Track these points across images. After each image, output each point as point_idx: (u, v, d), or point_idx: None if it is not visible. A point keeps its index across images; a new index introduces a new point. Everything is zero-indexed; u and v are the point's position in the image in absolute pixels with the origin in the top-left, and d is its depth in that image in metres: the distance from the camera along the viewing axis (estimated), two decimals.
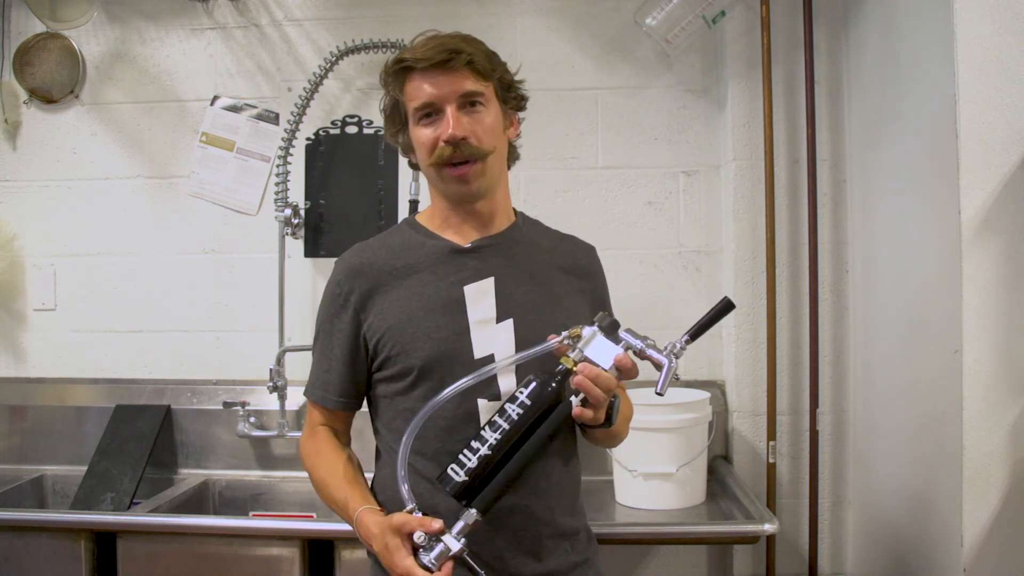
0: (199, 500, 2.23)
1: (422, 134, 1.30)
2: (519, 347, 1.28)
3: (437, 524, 1.15)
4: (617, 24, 2.31)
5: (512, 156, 1.42)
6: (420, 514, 1.18)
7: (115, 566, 1.81)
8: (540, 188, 2.31)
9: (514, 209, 1.44)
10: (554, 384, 1.20)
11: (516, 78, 1.38)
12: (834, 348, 2.21)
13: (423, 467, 1.27)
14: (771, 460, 2.17)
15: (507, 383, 1.28)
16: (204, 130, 2.41)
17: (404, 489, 1.19)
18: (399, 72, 1.30)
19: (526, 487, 1.27)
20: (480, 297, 1.31)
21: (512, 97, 1.38)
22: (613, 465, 2.05)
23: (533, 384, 1.20)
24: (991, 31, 1.55)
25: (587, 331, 1.21)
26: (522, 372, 1.28)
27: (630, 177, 2.33)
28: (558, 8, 2.34)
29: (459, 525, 1.16)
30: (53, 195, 2.45)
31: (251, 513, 2.22)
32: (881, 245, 2.01)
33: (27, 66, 2.42)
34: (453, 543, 1.14)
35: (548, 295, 1.35)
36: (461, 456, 1.19)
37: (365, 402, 1.41)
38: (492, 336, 1.29)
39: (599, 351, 1.20)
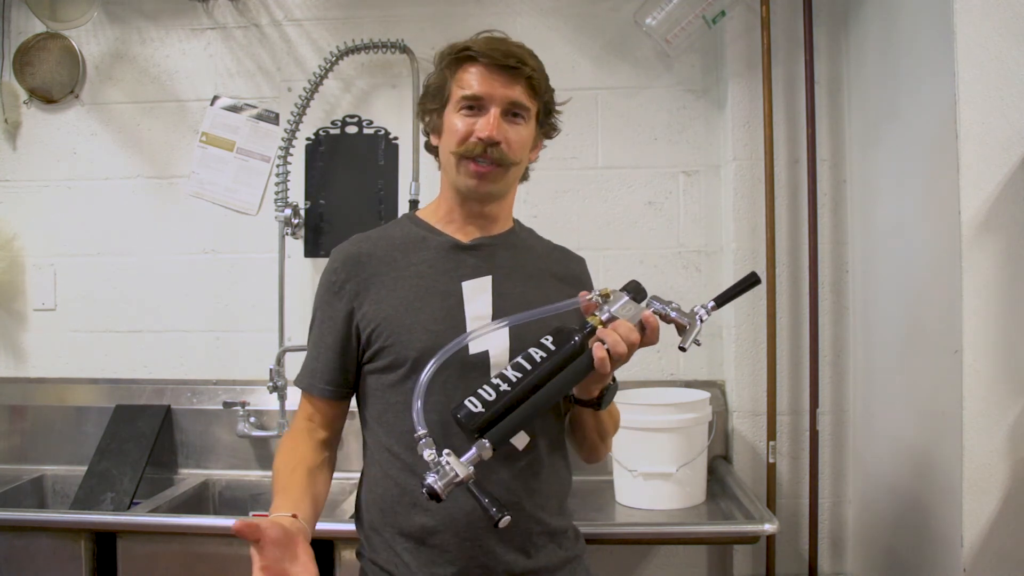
0: (199, 500, 2.23)
1: (459, 122, 1.30)
2: (513, 346, 1.28)
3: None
4: (617, 24, 2.31)
5: (523, 177, 1.43)
6: (447, 452, 1.12)
7: (115, 566, 1.81)
8: (540, 188, 2.31)
9: (513, 218, 1.46)
10: (578, 337, 1.20)
11: (557, 107, 1.40)
12: (834, 348, 2.21)
13: (412, 461, 1.26)
14: (771, 460, 2.17)
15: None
16: (204, 130, 2.41)
17: (421, 433, 1.14)
18: (461, 58, 1.31)
19: (516, 485, 1.27)
20: (477, 294, 1.32)
21: (548, 123, 1.40)
22: (613, 465, 2.05)
23: (560, 332, 1.21)
24: (991, 31, 1.55)
25: (616, 293, 1.23)
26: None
27: (630, 177, 2.33)
28: (558, 8, 2.34)
29: (471, 453, 1.13)
30: (53, 195, 2.45)
31: (251, 513, 2.22)
32: (881, 245, 2.01)
33: (27, 66, 2.43)
34: (462, 468, 1.12)
35: (543, 297, 1.35)
36: (480, 391, 1.18)
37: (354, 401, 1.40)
38: (490, 333, 1.29)
39: (625, 313, 1.21)
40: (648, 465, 1.96)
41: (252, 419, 2.30)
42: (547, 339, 1.21)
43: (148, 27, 2.42)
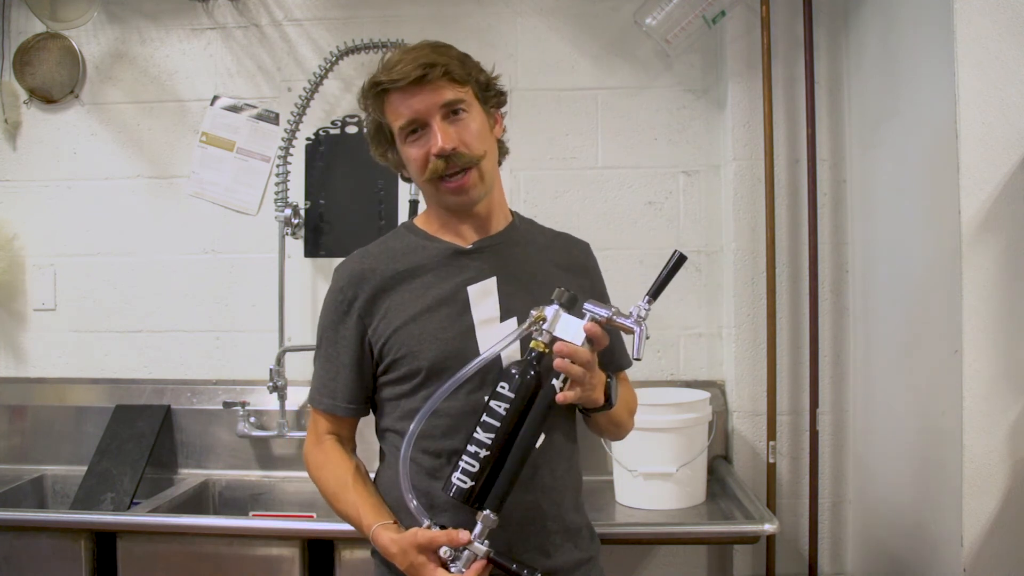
0: (199, 500, 2.23)
1: (412, 152, 1.30)
2: (523, 344, 1.28)
3: (464, 536, 1.17)
4: (617, 24, 2.31)
5: (502, 152, 1.42)
6: (436, 527, 1.19)
7: (115, 566, 1.81)
8: (540, 188, 2.31)
9: (511, 210, 1.45)
10: (532, 372, 1.21)
11: (492, 74, 1.38)
12: (834, 348, 2.21)
13: (430, 465, 1.28)
14: (771, 460, 2.17)
15: None
16: (204, 130, 2.41)
17: (413, 506, 1.21)
18: (378, 94, 1.31)
19: (533, 484, 1.27)
20: (483, 297, 1.32)
21: (492, 96, 1.37)
22: (613, 465, 2.06)
23: (512, 376, 1.21)
24: (991, 31, 1.55)
25: (549, 311, 1.21)
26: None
27: (630, 177, 2.33)
28: (558, 8, 2.34)
29: (478, 528, 1.17)
30: (53, 195, 2.45)
31: (251, 513, 2.22)
32: (881, 245, 2.01)
33: (27, 66, 2.42)
34: (479, 547, 1.17)
35: (549, 291, 1.35)
36: (461, 463, 1.19)
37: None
38: (496, 335, 1.29)
39: (567, 328, 1.21)
40: (648, 465, 1.96)
41: (252, 419, 2.30)
42: (503, 387, 1.21)
43: (148, 27, 2.42)
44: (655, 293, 1.25)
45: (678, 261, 1.26)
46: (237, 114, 2.41)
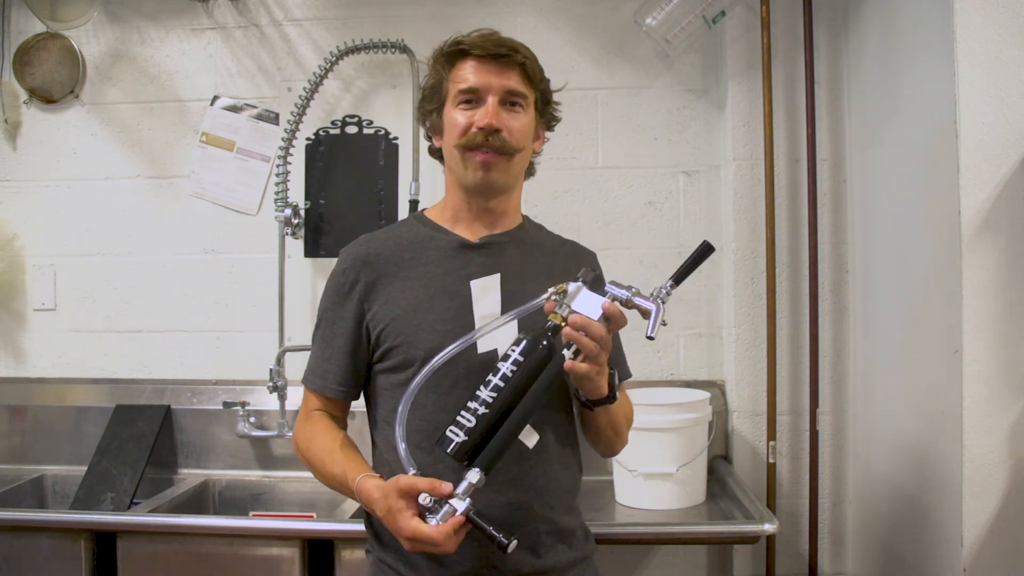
0: (199, 500, 2.23)
1: (458, 115, 1.31)
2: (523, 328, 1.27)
3: (447, 487, 1.15)
4: (617, 24, 2.31)
5: (529, 171, 1.43)
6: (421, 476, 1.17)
7: (115, 566, 1.81)
8: (540, 188, 2.31)
9: (523, 214, 1.46)
10: (545, 341, 1.20)
11: (555, 98, 1.41)
12: (834, 348, 2.21)
13: (421, 441, 1.27)
14: (771, 460, 2.17)
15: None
16: (204, 130, 2.41)
17: (402, 448, 1.18)
18: (453, 54, 1.33)
19: (524, 484, 1.27)
20: (486, 292, 1.32)
21: (548, 112, 1.41)
22: (613, 465, 2.06)
23: (524, 341, 1.20)
24: (991, 31, 1.55)
25: (572, 286, 1.22)
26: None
27: (630, 177, 2.33)
28: (558, 8, 2.34)
29: (463, 485, 1.15)
30: (53, 195, 2.45)
31: (251, 513, 2.22)
32: (881, 245, 2.01)
33: (27, 66, 2.43)
34: (459, 504, 1.14)
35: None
36: (459, 418, 1.18)
37: (361, 398, 1.41)
38: (496, 331, 1.29)
39: (586, 304, 1.21)
40: (648, 465, 1.96)
41: (252, 419, 2.30)
42: (513, 349, 1.20)
43: (148, 27, 2.42)
44: (679, 278, 1.26)
45: (706, 250, 1.28)
46: (237, 114, 2.41)
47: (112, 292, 2.43)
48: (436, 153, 1.42)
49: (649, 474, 1.97)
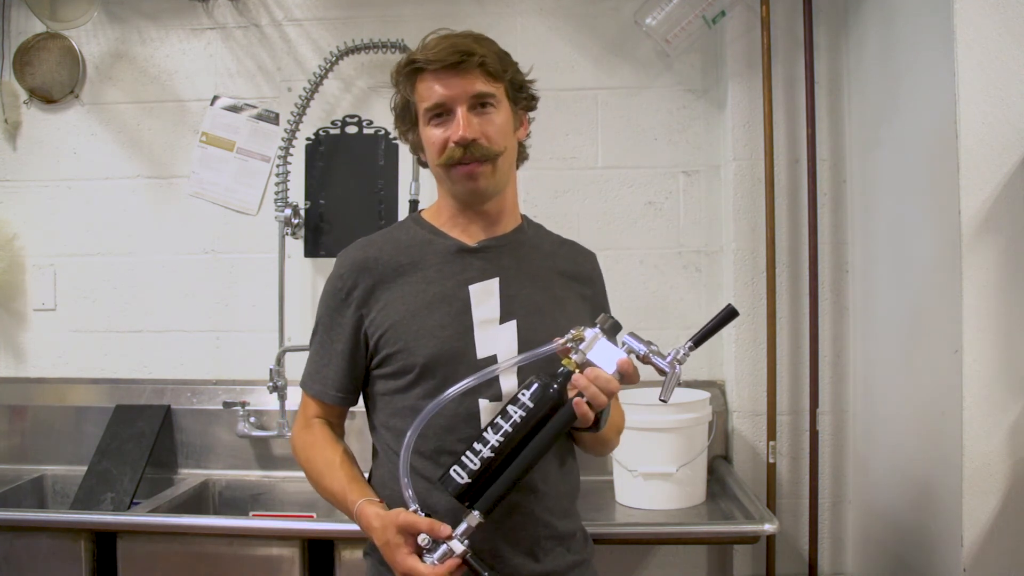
0: (199, 500, 2.23)
1: (432, 134, 1.30)
2: (522, 348, 1.28)
3: (446, 530, 1.15)
4: (617, 24, 2.31)
5: (521, 156, 1.42)
6: (424, 514, 1.18)
7: (115, 566, 1.81)
8: (540, 188, 2.31)
9: (521, 214, 1.45)
10: (556, 386, 1.20)
11: (527, 78, 1.38)
12: (834, 348, 2.21)
13: (422, 466, 1.27)
14: (771, 460, 2.17)
15: (509, 384, 1.28)
16: (204, 130, 2.41)
17: (408, 494, 1.19)
18: (410, 72, 1.31)
19: (524, 488, 1.26)
20: (484, 297, 1.31)
21: (523, 98, 1.38)
22: (613, 465, 2.06)
23: (535, 386, 1.20)
24: (991, 31, 1.55)
25: (589, 333, 1.20)
26: (524, 373, 1.27)
27: (630, 177, 2.33)
28: (558, 8, 2.34)
29: (462, 527, 1.16)
30: (53, 195, 2.45)
31: (251, 513, 2.22)
32: (881, 245, 2.01)
33: (27, 66, 2.42)
34: (457, 545, 1.15)
35: (551, 298, 1.35)
36: (463, 458, 1.18)
37: (361, 400, 1.41)
38: (495, 336, 1.29)
39: (601, 354, 1.20)
40: (648, 465, 1.96)
41: (252, 419, 2.30)
42: (523, 394, 1.19)
43: (148, 27, 2.42)
44: (698, 341, 1.24)
45: (730, 314, 1.25)
46: (237, 114, 2.41)
47: (112, 292, 2.43)
48: (424, 165, 1.42)
49: (649, 474, 1.97)
